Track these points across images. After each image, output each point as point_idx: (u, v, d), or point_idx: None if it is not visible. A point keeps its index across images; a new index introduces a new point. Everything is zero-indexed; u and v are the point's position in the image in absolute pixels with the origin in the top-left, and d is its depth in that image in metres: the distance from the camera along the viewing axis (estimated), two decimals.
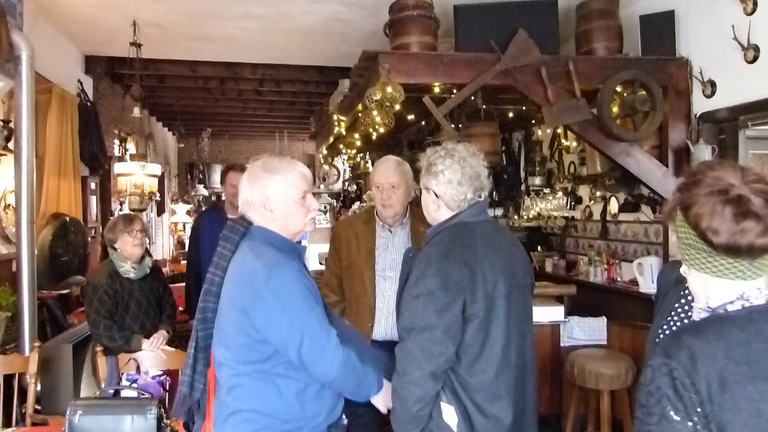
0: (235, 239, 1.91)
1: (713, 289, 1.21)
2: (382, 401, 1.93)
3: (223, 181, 3.99)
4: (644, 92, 3.82)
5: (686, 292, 2.05)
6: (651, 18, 4.03)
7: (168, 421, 1.89)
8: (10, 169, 4.16)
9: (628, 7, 4.21)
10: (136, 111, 5.74)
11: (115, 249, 3.20)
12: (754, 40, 3.43)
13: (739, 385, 1.07)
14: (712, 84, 3.77)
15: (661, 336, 1.99)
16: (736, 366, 1.07)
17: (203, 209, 5.52)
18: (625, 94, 3.94)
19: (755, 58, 3.44)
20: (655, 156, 4.01)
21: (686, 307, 2.04)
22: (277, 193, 1.86)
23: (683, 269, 1.29)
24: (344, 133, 5.51)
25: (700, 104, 3.87)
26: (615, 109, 3.93)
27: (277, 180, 1.87)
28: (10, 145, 3.96)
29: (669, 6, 4.01)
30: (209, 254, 3.75)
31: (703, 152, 3.72)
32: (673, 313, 2.02)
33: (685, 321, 2.03)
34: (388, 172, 2.70)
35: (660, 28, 3.98)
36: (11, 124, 3.86)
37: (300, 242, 1.96)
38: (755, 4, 3.42)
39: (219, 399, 1.83)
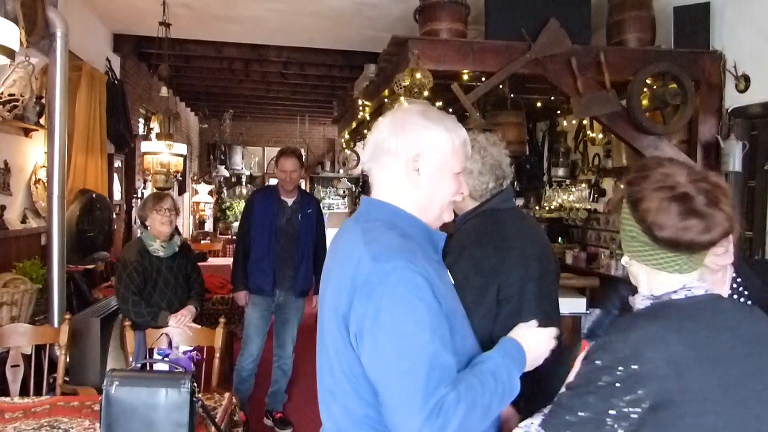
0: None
1: (656, 279, 1.28)
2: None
3: (276, 166, 4.04)
4: (675, 85, 3.77)
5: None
6: (685, 10, 3.96)
7: (200, 395, 1.93)
8: (41, 145, 4.24)
9: None
10: (164, 90, 5.79)
11: (146, 227, 3.26)
12: None
13: (687, 368, 1.11)
14: (746, 79, 3.71)
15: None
16: (685, 350, 1.13)
17: (257, 188, 5.70)
18: (655, 87, 3.89)
19: None
20: (684, 150, 3.96)
21: None
22: (435, 151, 1.34)
23: (624, 260, 1.34)
24: (368, 118, 5.50)
25: (733, 99, 3.81)
26: (645, 102, 3.88)
27: (441, 134, 1.35)
28: (42, 120, 4.03)
29: None
30: (260, 232, 3.86)
31: (734, 148, 3.67)
32: None
33: None
34: None
35: (694, 21, 3.92)
36: (43, 100, 3.92)
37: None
38: None
39: None
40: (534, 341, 1.37)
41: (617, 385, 1.12)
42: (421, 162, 1.33)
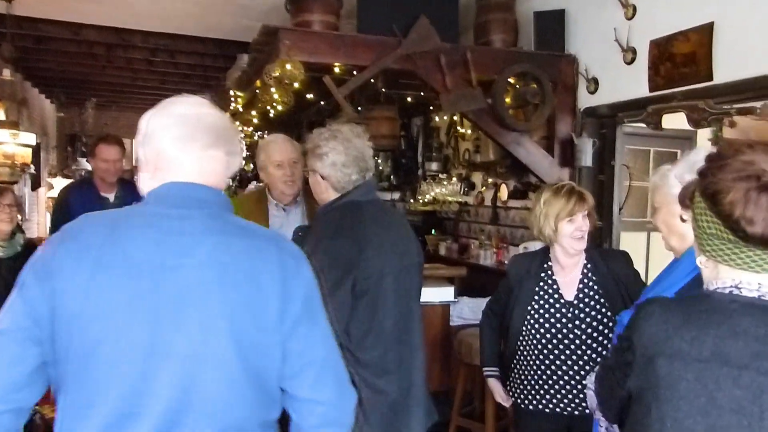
0: None
1: (737, 277, 1.10)
2: None
3: (92, 155, 3.65)
4: (535, 85, 4.01)
5: (543, 284, 2.23)
6: (544, 15, 4.22)
7: (37, 407, 1.75)
8: None
9: (524, 2, 4.39)
10: (7, 73, 5.22)
11: None
12: (633, 43, 3.69)
13: (666, 355, 1.07)
14: (596, 81, 4.02)
15: (526, 324, 2.16)
16: (674, 336, 1.07)
17: (70, 183, 4.97)
18: (517, 86, 4.11)
19: (633, 60, 3.70)
20: (543, 146, 4.23)
21: (548, 298, 2.21)
22: None
23: (700, 260, 1.16)
24: (241, 109, 5.34)
25: (585, 100, 4.12)
26: (508, 100, 4.09)
27: None
28: None
29: (561, 5, 4.22)
30: None
31: (586, 145, 3.97)
32: (533, 302, 2.20)
33: (551, 307, 2.20)
34: (287, 148, 2.63)
35: (552, 25, 4.19)
36: None
37: None
38: (635, 9, 3.67)
39: None
40: None
41: (622, 346, 1.20)
42: None
